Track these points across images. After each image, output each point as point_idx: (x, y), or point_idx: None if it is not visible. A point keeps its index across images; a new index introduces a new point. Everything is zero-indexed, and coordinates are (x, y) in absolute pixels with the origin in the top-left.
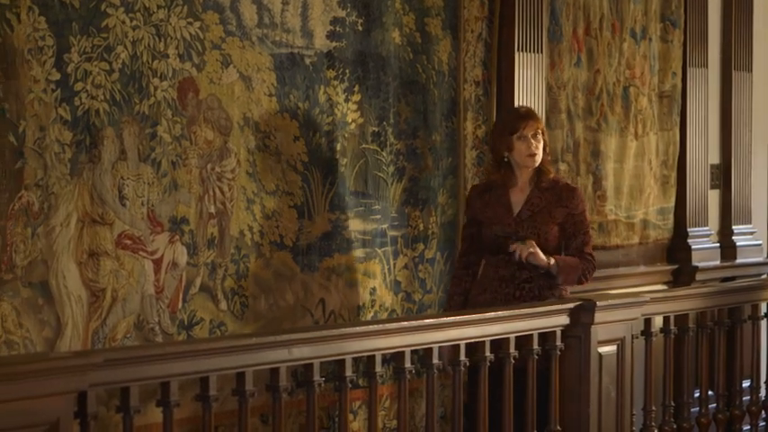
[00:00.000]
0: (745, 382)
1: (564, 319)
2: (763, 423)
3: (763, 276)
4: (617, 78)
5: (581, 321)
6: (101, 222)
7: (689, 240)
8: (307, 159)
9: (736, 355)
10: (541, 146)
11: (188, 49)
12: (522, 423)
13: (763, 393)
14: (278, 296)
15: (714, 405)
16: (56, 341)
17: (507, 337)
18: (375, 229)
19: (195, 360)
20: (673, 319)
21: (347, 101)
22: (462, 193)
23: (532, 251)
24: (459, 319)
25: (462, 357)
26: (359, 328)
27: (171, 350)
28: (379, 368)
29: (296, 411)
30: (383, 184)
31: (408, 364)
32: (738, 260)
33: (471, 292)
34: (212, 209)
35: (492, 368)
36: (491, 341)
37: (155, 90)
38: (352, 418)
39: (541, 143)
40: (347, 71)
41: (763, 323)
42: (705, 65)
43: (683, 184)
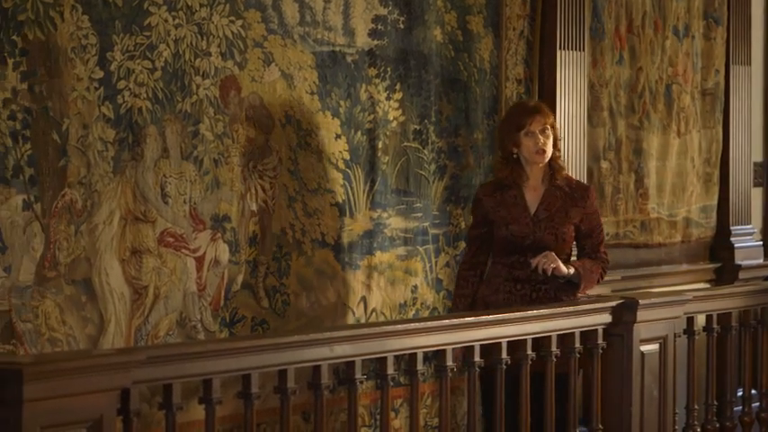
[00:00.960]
0: None
1: (606, 318)
2: None
3: None
4: (659, 76)
5: (623, 320)
6: (143, 220)
7: (732, 238)
8: (348, 157)
9: None
10: (551, 142)
11: (230, 47)
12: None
13: None
14: (319, 294)
15: (757, 404)
16: (99, 338)
17: (548, 336)
18: (416, 227)
19: (237, 357)
20: (716, 318)
21: (389, 99)
22: None
23: (554, 266)
24: (501, 317)
25: (504, 356)
26: (400, 326)
27: (213, 348)
28: (420, 366)
29: (337, 409)
30: (425, 182)
31: (450, 362)
32: None
33: (480, 292)
34: (254, 207)
35: (509, 370)
36: (531, 340)
37: (197, 88)
38: (393, 415)
39: (551, 139)
40: (389, 69)
41: None
42: (748, 62)
43: (725, 182)
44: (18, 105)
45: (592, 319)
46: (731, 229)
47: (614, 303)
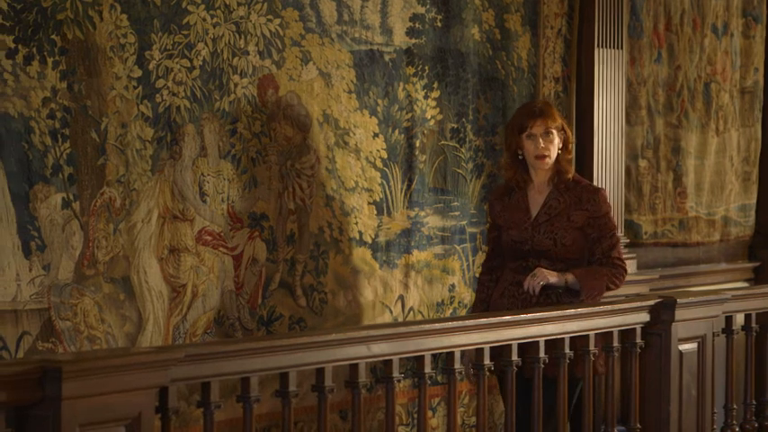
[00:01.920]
0: None
1: (644, 317)
2: None
3: None
4: (698, 74)
5: (661, 318)
6: (181, 218)
7: None
8: (386, 156)
9: None
10: (554, 145)
11: (268, 46)
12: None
13: None
14: (357, 292)
15: None
16: (137, 336)
17: (587, 334)
18: (454, 225)
19: (275, 356)
20: (754, 317)
21: (426, 97)
22: None
23: (543, 283)
24: (539, 316)
25: (542, 354)
26: (438, 325)
27: (251, 346)
28: (457, 365)
29: (374, 408)
30: (462, 180)
31: (487, 361)
32: None
33: (493, 296)
34: (291, 205)
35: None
36: (569, 338)
37: (235, 87)
38: (430, 414)
39: (554, 142)
40: (426, 68)
41: None
42: None
43: (764, 181)
44: (57, 104)
45: (630, 317)
46: None
47: (653, 302)
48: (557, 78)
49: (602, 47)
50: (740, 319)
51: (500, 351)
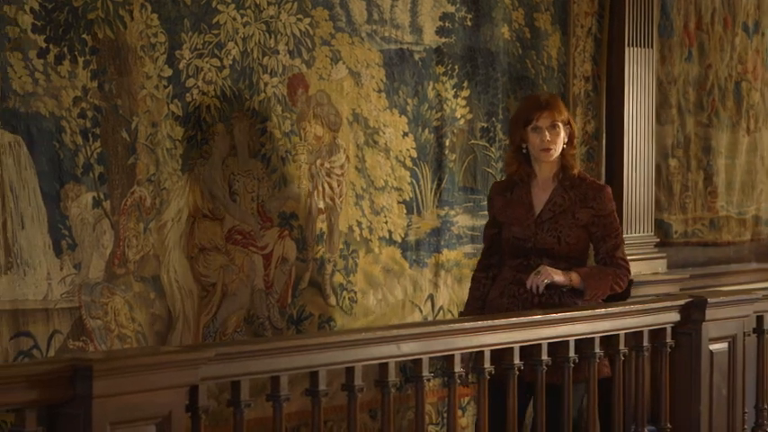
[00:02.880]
0: None
1: (674, 316)
2: None
3: None
4: (729, 73)
5: (692, 318)
6: (211, 217)
7: None
8: (415, 155)
9: None
10: (560, 138)
11: (298, 45)
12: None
13: None
14: (387, 292)
15: None
16: (167, 335)
17: (617, 334)
18: (483, 224)
19: (305, 355)
20: None
21: (456, 96)
22: None
23: (547, 281)
24: (569, 315)
25: (572, 354)
26: (467, 324)
27: (281, 345)
28: (487, 364)
29: (404, 407)
30: (492, 179)
31: (517, 360)
32: None
33: (490, 295)
34: (321, 204)
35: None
36: (599, 338)
37: (265, 86)
38: (460, 413)
39: (560, 135)
40: (456, 67)
41: None
42: None
43: None
44: (88, 103)
45: (661, 317)
46: None
47: (683, 302)
48: (587, 77)
49: (632, 46)
50: None
51: (530, 352)
